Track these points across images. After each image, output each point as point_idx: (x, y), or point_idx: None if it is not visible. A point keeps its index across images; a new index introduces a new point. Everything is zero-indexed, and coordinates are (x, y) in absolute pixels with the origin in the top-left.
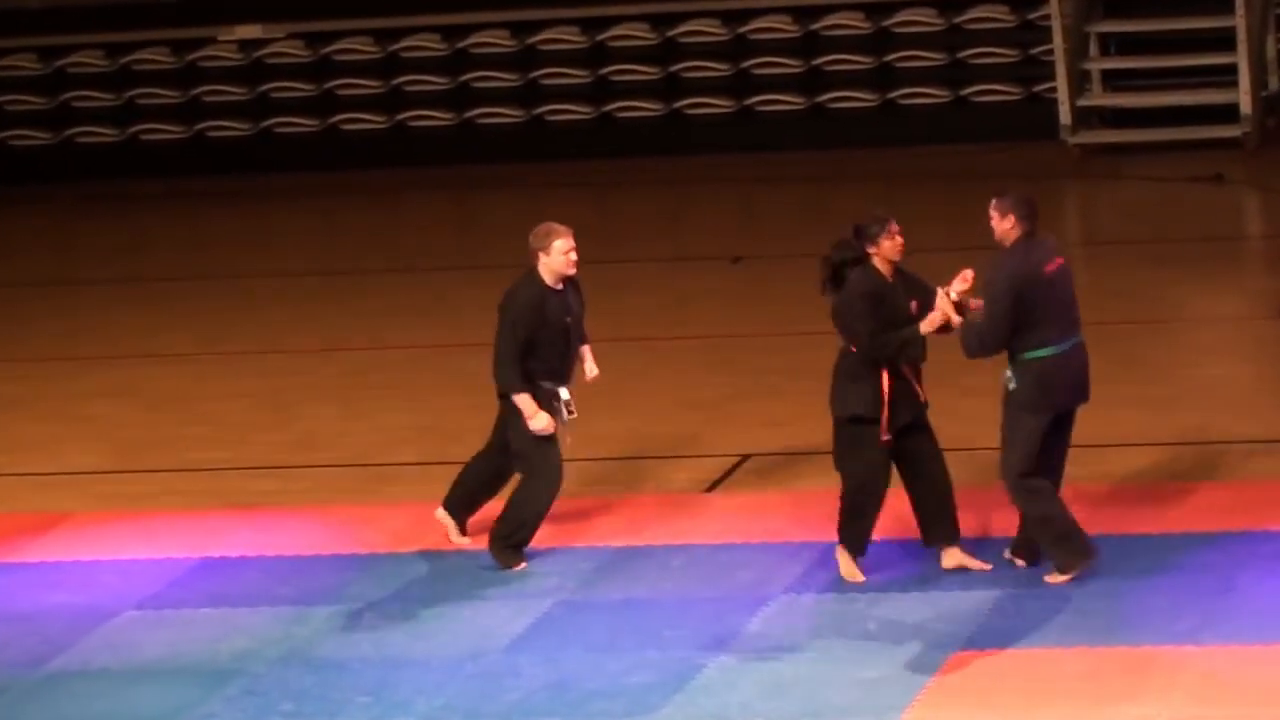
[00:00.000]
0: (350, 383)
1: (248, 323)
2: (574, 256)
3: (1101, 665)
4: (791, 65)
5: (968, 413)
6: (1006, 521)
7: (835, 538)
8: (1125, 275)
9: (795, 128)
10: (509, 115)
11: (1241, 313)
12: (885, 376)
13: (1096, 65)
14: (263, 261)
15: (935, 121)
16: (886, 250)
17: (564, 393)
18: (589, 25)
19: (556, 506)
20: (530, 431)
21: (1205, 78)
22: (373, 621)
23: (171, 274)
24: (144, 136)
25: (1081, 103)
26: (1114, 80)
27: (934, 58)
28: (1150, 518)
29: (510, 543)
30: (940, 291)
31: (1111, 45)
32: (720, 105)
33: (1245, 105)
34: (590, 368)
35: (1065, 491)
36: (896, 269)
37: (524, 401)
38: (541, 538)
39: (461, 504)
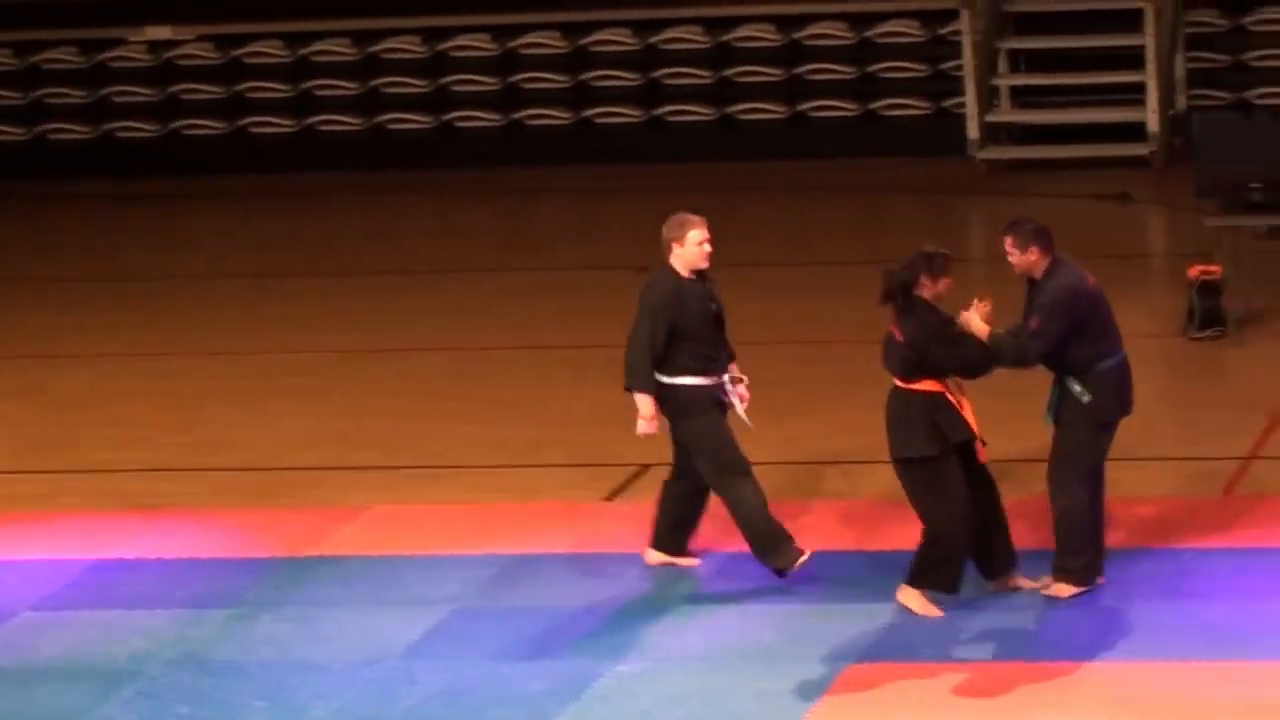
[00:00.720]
0: (254, 386)
1: (152, 325)
2: (708, 248)
3: (998, 680)
4: (702, 76)
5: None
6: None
7: (741, 549)
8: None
9: (705, 138)
10: (419, 121)
11: (1147, 330)
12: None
13: (1005, 81)
14: (169, 264)
15: (844, 135)
16: (940, 288)
17: (729, 380)
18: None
19: (451, 514)
20: (696, 429)
21: (1114, 96)
22: (270, 625)
23: (75, 275)
24: (52, 136)
25: (990, 118)
26: (1023, 97)
27: (844, 71)
28: (1048, 534)
29: (771, 547)
30: (966, 314)
31: (1021, 62)
32: (631, 115)
33: (1153, 124)
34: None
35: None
36: None
37: (642, 402)
38: (440, 544)
39: (671, 535)
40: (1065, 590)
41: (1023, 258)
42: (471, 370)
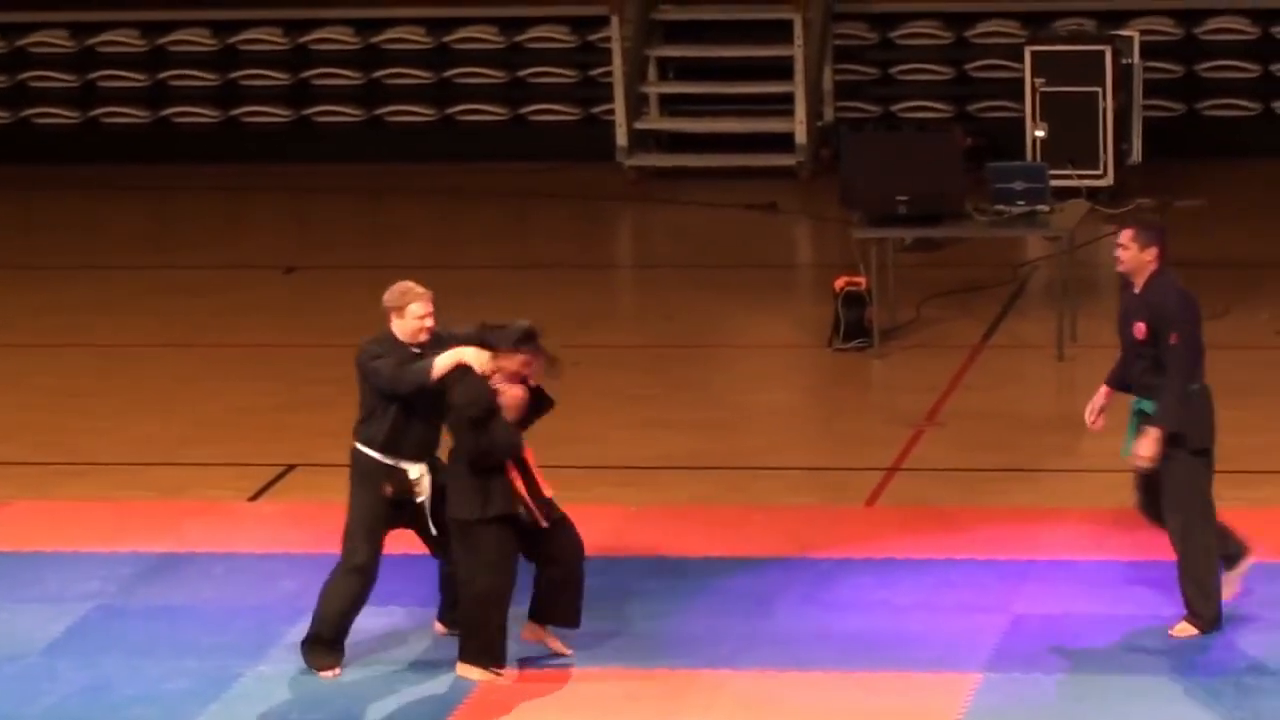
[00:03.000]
0: None
1: None
2: (430, 323)
3: (642, 687)
4: (353, 78)
5: None
6: None
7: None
8: (677, 299)
9: (353, 140)
10: (66, 117)
11: (793, 341)
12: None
13: (655, 89)
14: None
15: (493, 139)
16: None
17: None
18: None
19: (94, 510)
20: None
21: (762, 106)
22: None
23: None
24: None
25: (639, 125)
26: (672, 105)
27: (494, 75)
28: (694, 541)
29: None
30: None
31: (670, 70)
32: (279, 115)
33: (800, 135)
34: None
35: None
36: None
37: None
38: (82, 541)
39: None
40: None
41: (1139, 255)
42: (114, 367)
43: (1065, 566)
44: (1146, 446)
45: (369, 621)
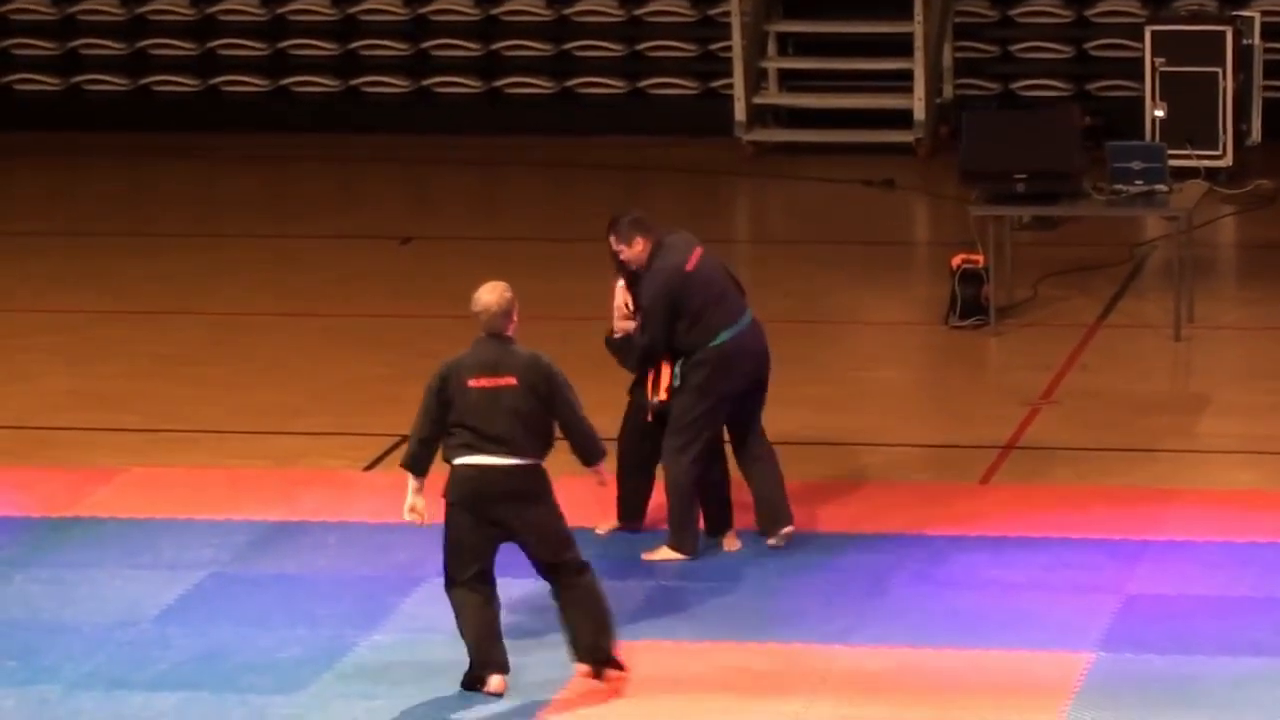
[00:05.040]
0: (11, 344)
1: None
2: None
3: (751, 660)
4: (471, 49)
5: None
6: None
7: None
8: (795, 275)
9: (471, 111)
10: (186, 85)
11: (909, 318)
12: None
13: (774, 64)
14: None
15: (612, 112)
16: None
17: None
18: None
19: (208, 479)
20: None
21: (882, 82)
22: (23, 586)
23: None
24: None
25: (757, 100)
26: (791, 80)
27: (612, 49)
28: (808, 516)
29: None
30: None
31: (790, 45)
32: (398, 86)
33: (919, 112)
34: None
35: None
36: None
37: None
38: (196, 509)
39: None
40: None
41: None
42: (227, 336)
43: (1180, 547)
44: None
45: None
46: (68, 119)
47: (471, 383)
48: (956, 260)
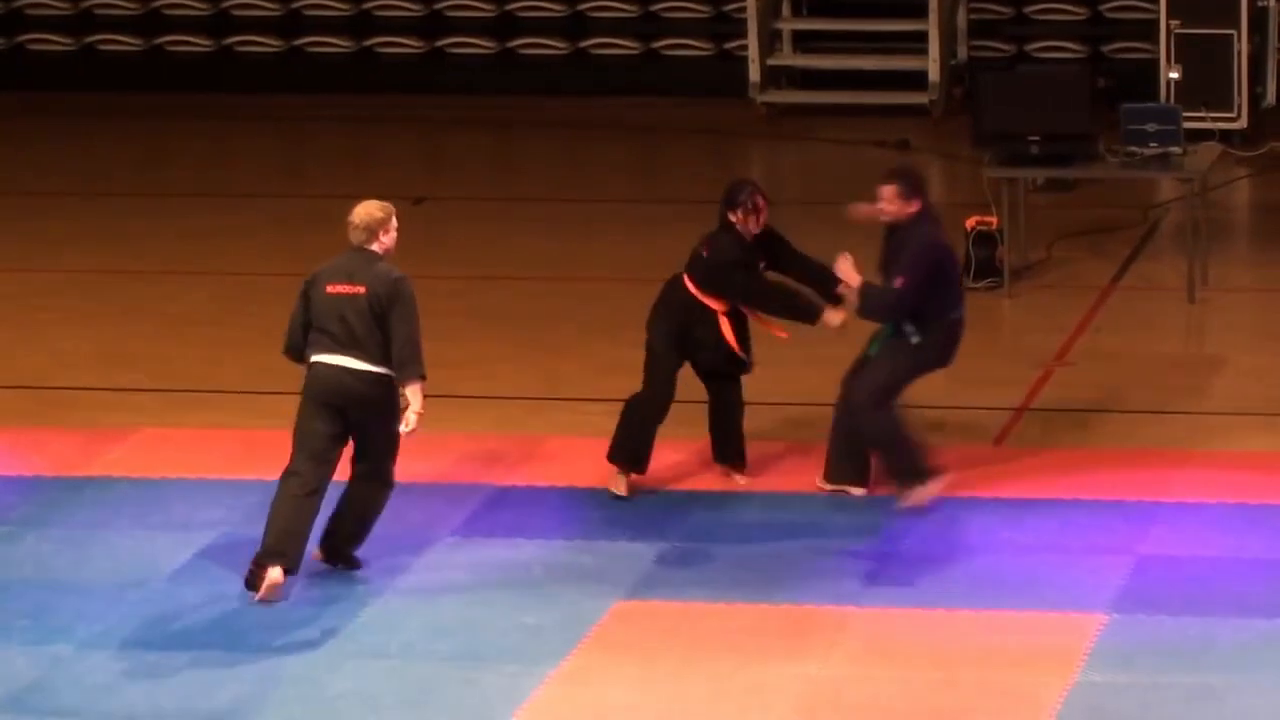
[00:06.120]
0: (27, 304)
1: None
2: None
3: (764, 622)
4: (484, 8)
5: None
6: None
7: (516, 483)
8: (809, 236)
9: (487, 72)
10: (199, 45)
11: None
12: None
13: (788, 25)
14: None
15: (626, 72)
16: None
17: None
18: None
19: (220, 439)
20: None
21: (896, 44)
22: (35, 545)
23: None
24: None
25: (771, 61)
26: (805, 41)
27: (627, 9)
28: (810, 479)
29: None
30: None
31: (804, 6)
32: (412, 46)
33: (934, 73)
34: None
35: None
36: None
37: None
38: (208, 469)
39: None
40: None
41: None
42: (242, 296)
43: (1192, 509)
44: None
45: (496, 553)
46: (81, 79)
47: (329, 289)
48: (971, 222)
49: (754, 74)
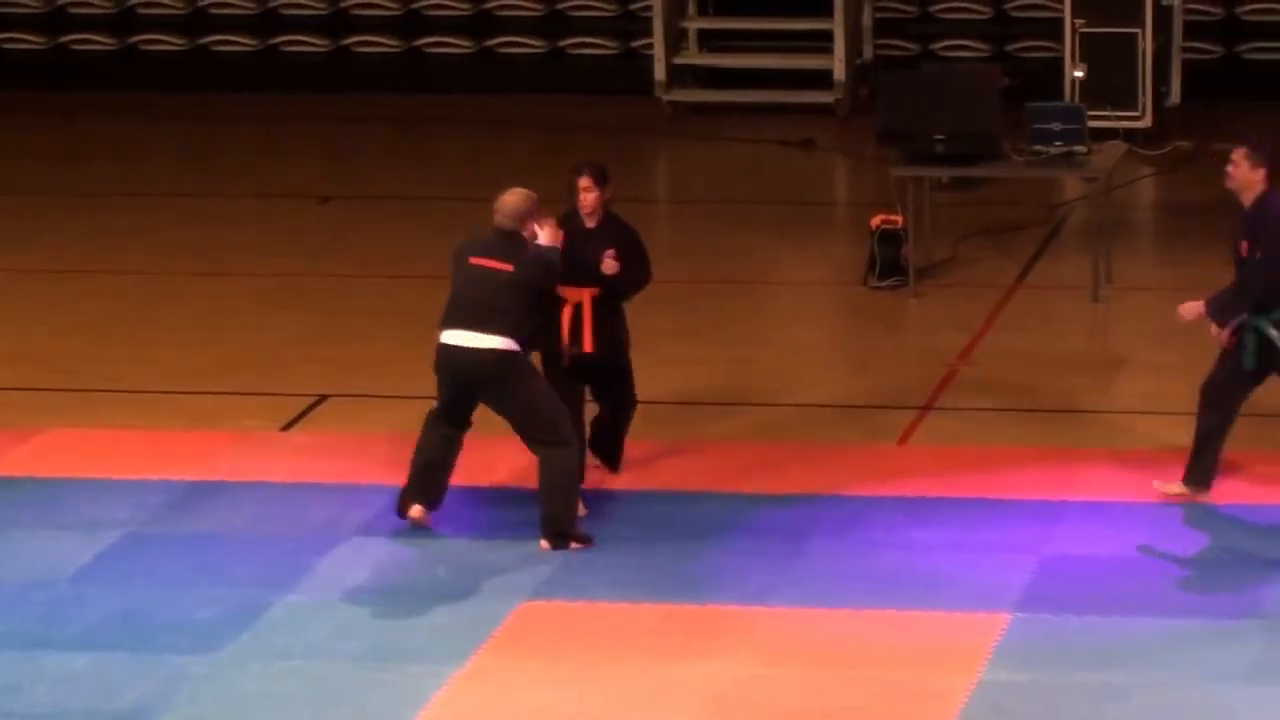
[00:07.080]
0: None
1: None
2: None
3: (669, 622)
4: (390, 8)
5: None
6: None
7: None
8: (713, 235)
9: (392, 71)
10: (103, 43)
11: (828, 279)
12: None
13: (694, 24)
14: None
15: (532, 72)
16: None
17: None
18: None
19: (126, 439)
20: None
21: (801, 43)
22: None
23: None
24: None
25: (677, 60)
26: (711, 40)
27: (532, 8)
28: (724, 478)
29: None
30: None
31: (710, 5)
32: (317, 44)
33: (839, 72)
34: None
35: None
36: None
37: None
38: (113, 469)
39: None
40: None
41: (1249, 174)
42: (148, 295)
43: (1096, 508)
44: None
45: (400, 553)
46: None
47: (473, 260)
48: (876, 221)
49: (659, 73)
